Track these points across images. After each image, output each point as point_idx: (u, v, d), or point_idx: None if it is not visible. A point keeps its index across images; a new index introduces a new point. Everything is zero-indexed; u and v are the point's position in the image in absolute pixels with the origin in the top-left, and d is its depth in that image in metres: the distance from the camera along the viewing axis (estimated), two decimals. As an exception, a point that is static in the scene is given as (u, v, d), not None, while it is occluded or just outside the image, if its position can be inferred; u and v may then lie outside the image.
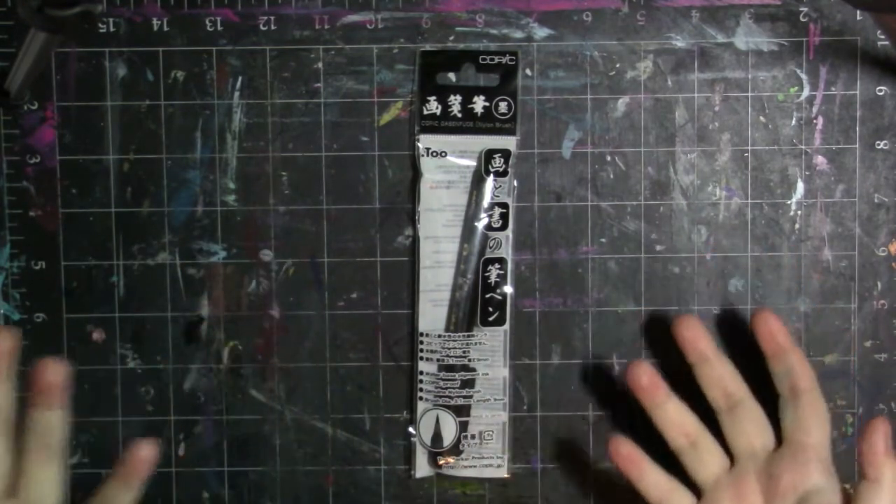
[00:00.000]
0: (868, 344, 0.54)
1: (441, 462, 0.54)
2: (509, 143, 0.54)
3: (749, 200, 0.54)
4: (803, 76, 0.54)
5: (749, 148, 0.54)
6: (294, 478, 0.55)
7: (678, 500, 0.50)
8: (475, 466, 0.55)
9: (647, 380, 0.50)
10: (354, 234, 0.55)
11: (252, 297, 0.55)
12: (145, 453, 0.49)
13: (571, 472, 0.55)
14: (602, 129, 0.54)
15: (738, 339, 0.54)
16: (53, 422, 0.47)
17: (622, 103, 0.54)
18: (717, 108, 0.54)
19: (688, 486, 0.50)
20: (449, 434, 0.54)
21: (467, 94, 0.54)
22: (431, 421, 0.54)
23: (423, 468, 0.55)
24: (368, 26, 0.54)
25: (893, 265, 0.54)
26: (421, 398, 0.54)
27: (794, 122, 0.54)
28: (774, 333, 0.49)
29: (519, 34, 0.54)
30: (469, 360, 0.54)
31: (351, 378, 0.55)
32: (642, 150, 0.54)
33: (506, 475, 0.55)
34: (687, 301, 0.54)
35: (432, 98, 0.54)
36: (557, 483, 0.55)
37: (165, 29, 0.54)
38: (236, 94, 0.54)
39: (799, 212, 0.54)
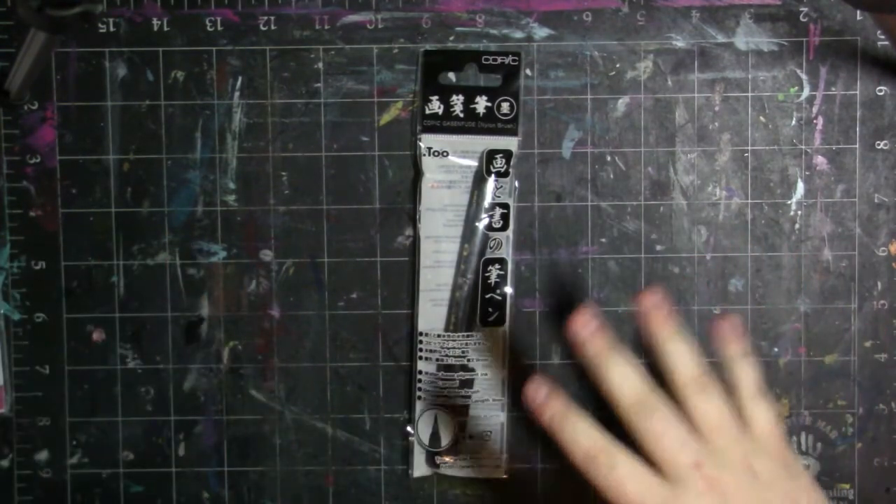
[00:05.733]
0: (868, 344, 0.54)
1: (439, 462, 0.54)
2: (511, 143, 0.54)
3: (749, 200, 0.54)
4: (803, 76, 0.54)
5: (749, 148, 0.54)
6: (294, 478, 0.55)
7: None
8: (473, 466, 0.55)
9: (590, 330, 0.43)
10: (354, 234, 0.55)
11: (252, 297, 0.55)
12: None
13: (571, 472, 0.55)
14: (602, 129, 0.54)
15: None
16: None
17: (622, 103, 0.54)
18: (717, 108, 0.54)
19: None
20: (447, 434, 0.54)
21: (469, 94, 0.54)
22: (430, 420, 0.54)
23: (420, 467, 0.55)
24: (368, 26, 0.54)
25: (893, 265, 0.54)
26: (419, 398, 0.54)
27: (794, 122, 0.54)
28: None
29: (519, 34, 0.54)
30: (468, 361, 0.54)
31: (351, 378, 0.55)
32: (642, 150, 0.54)
33: (503, 475, 0.55)
34: (687, 301, 0.54)
35: (434, 98, 0.54)
36: (557, 483, 0.55)
37: (165, 29, 0.54)
38: (236, 94, 0.54)
39: (799, 212, 0.54)
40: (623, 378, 0.43)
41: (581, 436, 0.44)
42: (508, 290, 0.54)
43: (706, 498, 0.42)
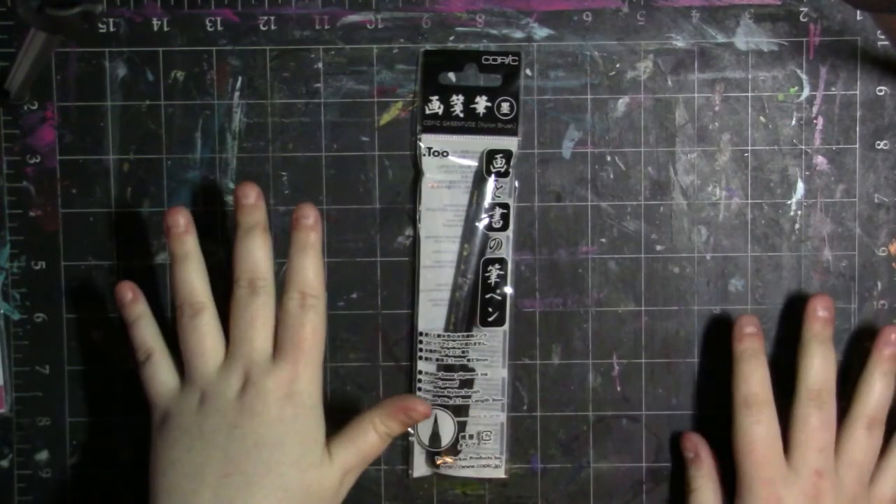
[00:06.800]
0: (868, 344, 0.54)
1: (439, 462, 0.54)
2: (511, 143, 0.54)
3: (749, 200, 0.54)
4: (803, 76, 0.54)
5: (749, 148, 0.54)
6: (294, 478, 0.55)
7: None
8: (473, 466, 0.54)
9: (751, 329, 0.52)
10: (354, 234, 0.55)
11: (252, 297, 0.55)
12: (423, 410, 0.48)
13: (571, 472, 0.55)
14: (602, 129, 0.54)
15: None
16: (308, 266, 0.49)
17: (622, 103, 0.54)
18: (717, 108, 0.54)
19: None
20: (447, 434, 0.54)
21: (469, 94, 0.54)
22: (430, 420, 0.54)
23: (420, 468, 0.55)
24: (368, 26, 0.54)
25: (893, 265, 0.54)
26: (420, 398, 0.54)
27: (794, 122, 0.54)
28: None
29: (519, 34, 0.54)
30: (468, 361, 0.54)
31: (351, 378, 0.55)
32: (642, 150, 0.54)
33: (503, 476, 0.55)
34: (687, 301, 0.54)
35: (434, 98, 0.54)
36: (557, 483, 0.55)
37: (165, 29, 0.54)
38: (236, 94, 0.54)
39: (799, 212, 0.54)
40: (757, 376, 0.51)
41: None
42: (508, 290, 0.54)
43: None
